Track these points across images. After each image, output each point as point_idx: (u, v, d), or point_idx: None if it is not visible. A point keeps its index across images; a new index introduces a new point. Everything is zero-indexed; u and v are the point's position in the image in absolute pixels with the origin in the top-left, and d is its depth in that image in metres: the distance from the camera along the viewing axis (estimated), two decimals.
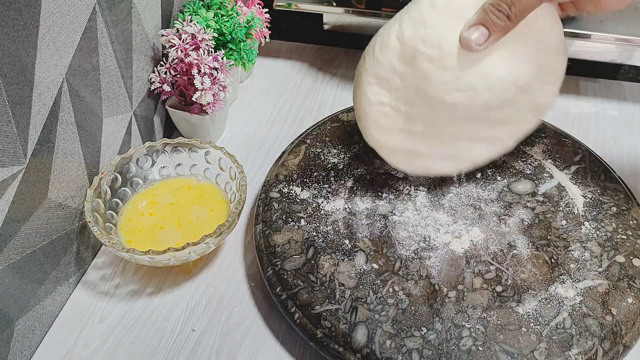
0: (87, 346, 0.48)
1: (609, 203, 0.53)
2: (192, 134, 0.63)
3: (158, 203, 0.54)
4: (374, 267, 0.49)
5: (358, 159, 0.58)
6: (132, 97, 0.57)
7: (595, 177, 0.56)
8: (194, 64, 0.57)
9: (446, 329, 0.44)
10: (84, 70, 0.48)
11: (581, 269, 0.48)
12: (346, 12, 0.70)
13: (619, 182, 0.55)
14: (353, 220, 0.53)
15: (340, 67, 0.77)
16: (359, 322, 0.45)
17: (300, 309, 0.46)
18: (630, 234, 0.50)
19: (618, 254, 0.49)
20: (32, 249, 0.45)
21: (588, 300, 0.46)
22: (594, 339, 0.43)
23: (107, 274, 0.53)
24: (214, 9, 0.62)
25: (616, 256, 0.49)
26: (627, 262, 0.48)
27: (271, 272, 0.48)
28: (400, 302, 0.46)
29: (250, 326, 0.49)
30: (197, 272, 0.53)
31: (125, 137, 0.57)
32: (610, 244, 0.50)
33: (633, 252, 0.49)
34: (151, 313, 0.50)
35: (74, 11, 0.46)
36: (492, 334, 0.44)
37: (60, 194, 0.48)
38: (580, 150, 0.59)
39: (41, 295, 0.47)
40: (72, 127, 0.48)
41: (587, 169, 0.57)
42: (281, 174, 0.56)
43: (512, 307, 0.46)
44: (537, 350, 0.43)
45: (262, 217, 0.53)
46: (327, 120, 0.63)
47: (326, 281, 0.47)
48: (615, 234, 0.51)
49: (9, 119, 0.40)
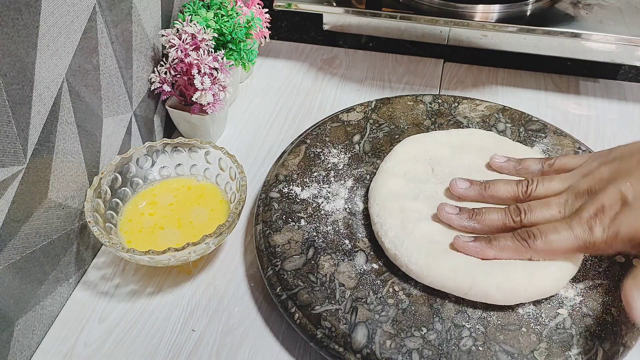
0: (87, 346, 0.48)
1: None
2: (192, 134, 0.63)
3: (158, 203, 0.54)
4: (374, 267, 0.49)
5: (358, 159, 0.59)
6: (132, 97, 0.57)
7: None
8: (194, 64, 0.57)
9: (446, 329, 0.44)
10: (84, 70, 0.48)
11: (581, 269, 0.48)
12: (346, 12, 0.70)
13: None
14: (353, 220, 0.53)
15: (340, 67, 0.77)
16: (359, 323, 0.45)
17: (300, 309, 0.46)
18: None
19: (618, 254, 0.49)
20: (32, 249, 0.45)
21: (588, 300, 0.46)
22: (594, 339, 0.43)
23: (107, 274, 0.53)
24: (214, 9, 0.62)
25: (616, 256, 0.49)
26: (627, 262, 0.48)
27: (271, 272, 0.48)
28: (400, 302, 0.46)
29: (250, 326, 0.49)
30: (197, 272, 0.53)
31: (125, 137, 0.57)
32: None
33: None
34: (151, 313, 0.50)
35: (74, 11, 0.46)
36: (492, 334, 0.44)
37: (60, 194, 0.48)
38: (580, 150, 0.58)
39: (41, 295, 0.47)
40: (72, 127, 0.48)
41: None
42: (281, 174, 0.56)
43: (513, 307, 0.46)
44: (537, 350, 0.43)
45: (262, 217, 0.53)
46: (327, 120, 0.63)
47: (326, 281, 0.47)
48: None
49: (9, 119, 0.40)
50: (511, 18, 0.67)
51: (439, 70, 0.76)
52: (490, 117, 0.62)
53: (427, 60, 0.77)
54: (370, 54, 0.79)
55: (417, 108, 0.64)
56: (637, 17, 0.66)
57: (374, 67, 0.76)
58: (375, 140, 0.60)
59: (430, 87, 0.73)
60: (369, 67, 0.77)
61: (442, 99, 0.65)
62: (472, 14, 0.67)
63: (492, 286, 0.44)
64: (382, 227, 0.49)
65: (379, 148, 0.59)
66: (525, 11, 0.68)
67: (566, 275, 0.46)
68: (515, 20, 0.66)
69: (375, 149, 0.59)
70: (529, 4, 0.69)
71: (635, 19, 0.66)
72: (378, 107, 0.64)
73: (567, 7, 0.69)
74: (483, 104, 0.64)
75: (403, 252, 0.47)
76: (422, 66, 0.77)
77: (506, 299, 0.44)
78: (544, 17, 0.67)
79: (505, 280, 0.44)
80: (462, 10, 0.68)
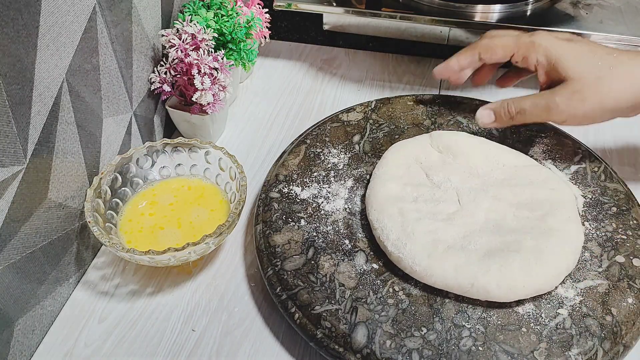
0: (87, 346, 0.48)
1: (609, 203, 0.53)
2: (192, 134, 0.63)
3: (158, 203, 0.54)
4: (374, 267, 0.49)
5: (358, 159, 0.59)
6: (132, 97, 0.57)
7: (595, 178, 0.56)
8: (194, 64, 0.57)
9: (446, 329, 0.44)
10: (84, 70, 0.48)
11: (581, 269, 0.48)
12: (346, 12, 0.70)
13: (620, 183, 0.55)
14: (353, 220, 0.53)
15: (340, 67, 0.77)
16: (359, 323, 0.45)
17: (300, 309, 0.46)
18: (630, 234, 0.50)
19: (618, 254, 0.49)
20: (32, 249, 0.45)
21: (588, 301, 0.46)
22: (594, 339, 0.43)
23: (107, 274, 0.53)
24: (214, 9, 0.62)
25: (616, 256, 0.49)
26: (627, 262, 0.48)
27: (271, 272, 0.48)
28: (400, 302, 0.46)
29: (250, 326, 0.49)
30: (197, 272, 0.53)
31: (125, 137, 0.57)
32: (611, 244, 0.50)
33: (633, 252, 0.49)
34: (151, 313, 0.50)
35: (74, 11, 0.46)
36: (492, 334, 0.44)
37: (60, 194, 0.48)
38: (580, 150, 0.59)
39: (41, 295, 0.47)
40: (72, 127, 0.48)
41: (587, 169, 0.57)
42: (281, 174, 0.56)
43: (512, 307, 0.46)
44: (537, 350, 0.43)
45: (262, 217, 0.53)
46: (327, 120, 0.63)
47: (326, 281, 0.47)
48: (616, 234, 0.50)
49: (9, 119, 0.40)
50: (511, 18, 0.67)
51: None
52: None
53: (427, 60, 0.77)
54: (370, 54, 0.79)
55: (417, 108, 0.64)
56: (637, 17, 0.66)
57: (374, 67, 0.76)
58: (375, 140, 0.60)
59: (430, 87, 0.73)
60: (369, 67, 0.77)
61: (442, 99, 0.65)
62: (472, 14, 0.67)
63: (492, 283, 0.44)
64: (383, 232, 0.49)
65: (379, 148, 0.60)
66: (525, 11, 0.68)
67: (562, 272, 0.46)
68: (515, 20, 0.66)
69: (375, 149, 0.59)
70: (529, 4, 0.69)
71: (635, 19, 0.66)
72: (378, 107, 0.64)
73: (567, 7, 0.69)
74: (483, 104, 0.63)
75: (406, 254, 0.47)
76: (422, 66, 0.77)
77: (506, 295, 0.45)
78: (544, 17, 0.67)
79: (504, 277, 0.44)
80: (462, 10, 0.68)
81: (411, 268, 0.47)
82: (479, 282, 0.45)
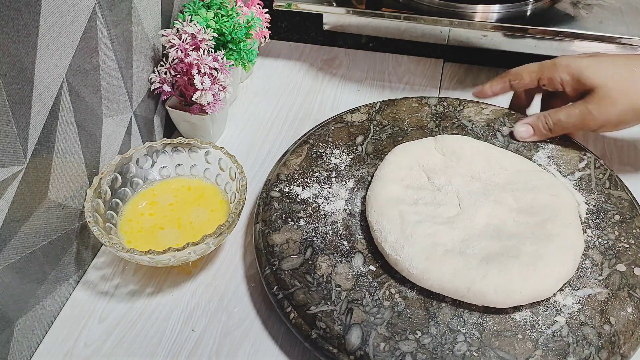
0: (87, 346, 0.48)
1: (612, 211, 0.52)
2: (192, 134, 0.63)
3: (158, 203, 0.54)
4: (372, 269, 0.49)
5: (360, 161, 0.58)
6: (132, 97, 0.57)
7: (600, 185, 0.55)
8: (194, 64, 0.57)
9: (441, 334, 0.44)
10: (84, 70, 0.48)
11: (581, 277, 0.47)
12: (346, 12, 0.70)
13: (624, 190, 0.54)
14: (352, 221, 0.53)
15: (340, 67, 0.77)
16: (353, 324, 0.44)
17: (296, 309, 0.46)
18: (632, 242, 0.49)
19: (619, 263, 0.48)
20: (32, 249, 0.45)
21: (587, 309, 0.45)
22: (591, 348, 0.43)
23: (107, 274, 0.53)
24: (214, 9, 0.62)
25: (617, 265, 0.48)
26: (629, 271, 0.47)
27: (269, 271, 0.48)
28: (396, 305, 0.46)
29: (249, 327, 0.49)
30: (197, 272, 0.53)
31: (125, 137, 0.57)
32: (612, 252, 0.49)
33: (635, 261, 0.48)
34: (151, 313, 0.50)
35: (74, 11, 0.46)
36: (488, 339, 0.43)
37: (60, 194, 0.48)
38: (586, 156, 0.57)
39: (41, 295, 0.47)
40: (72, 127, 0.48)
41: (591, 176, 0.56)
42: (282, 174, 0.56)
43: (509, 313, 0.45)
44: (533, 357, 0.42)
45: (262, 216, 0.53)
46: (331, 120, 0.62)
47: (323, 282, 0.47)
48: (618, 242, 0.50)
49: (9, 119, 0.40)
50: (511, 18, 0.67)
51: (439, 71, 0.76)
52: (495, 121, 0.62)
53: (427, 60, 0.77)
54: (370, 54, 0.79)
55: (422, 110, 0.63)
56: (637, 17, 0.66)
57: (374, 67, 0.76)
58: (378, 142, 0.60)
59: (430, 87, 0.73)
60: (369, 67, 0.77)
61: (447, 102, 0.64)
62: (472, 14, 0.67)
63: (489, 288, 0.44)
64: (381, 234, 0.49)
65: (381, 150, 0.59)
66: (525, 11, 0.68)
67: (561, 279, 0.46)
68: (515, 20, 0.66)
69: (378, 151, 0.59)
70: (529, 4, 0.69)
71: (635, 19, 0.66)
72: (382, 109, 0.64)
73: (567, 7, 0.69)
74: (489, 107, 0.63)
75: (404, 257, 0.47)
76: (422, 66, 0.77)
77: (503, 301, 0.44)
78: (544, 17, 0.67)
79: (501, 282, 0.44)
80: (462, 10, 0.68)
81: (408, 271, 0.47)
82: (476, 287, 0.44)
